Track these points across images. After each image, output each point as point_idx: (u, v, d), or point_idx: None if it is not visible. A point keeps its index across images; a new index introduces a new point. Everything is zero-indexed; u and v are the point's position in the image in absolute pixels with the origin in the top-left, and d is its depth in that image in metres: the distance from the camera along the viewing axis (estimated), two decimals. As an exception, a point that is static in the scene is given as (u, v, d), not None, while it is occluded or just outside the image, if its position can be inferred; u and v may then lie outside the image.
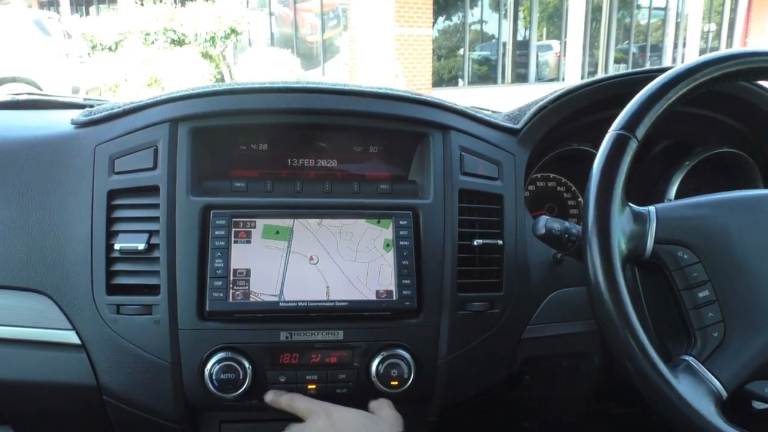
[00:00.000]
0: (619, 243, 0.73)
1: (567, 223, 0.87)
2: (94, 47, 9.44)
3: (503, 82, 15.22)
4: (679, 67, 0.77)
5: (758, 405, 0.92)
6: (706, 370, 0.73)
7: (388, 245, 0.91)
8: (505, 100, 1.09)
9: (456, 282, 0.92)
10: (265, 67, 9.59)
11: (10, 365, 0.89)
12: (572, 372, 1.01)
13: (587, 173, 0.75)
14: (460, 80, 14.94)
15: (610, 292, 0.71)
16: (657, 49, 17.36)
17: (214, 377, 0.86)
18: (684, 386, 0.71)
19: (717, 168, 1.11)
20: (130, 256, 0.88)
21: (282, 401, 0.87)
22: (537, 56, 15.84)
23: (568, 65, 13.54)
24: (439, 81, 13.79)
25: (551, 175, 1.16)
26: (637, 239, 0.75)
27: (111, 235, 0.88)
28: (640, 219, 0.76)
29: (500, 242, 0.94)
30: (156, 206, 0.88)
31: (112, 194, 0.89)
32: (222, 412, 0.94)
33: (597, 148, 0.76)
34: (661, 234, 0.76)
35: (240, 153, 0.98)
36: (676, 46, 17.06)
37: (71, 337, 0.88)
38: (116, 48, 9.49)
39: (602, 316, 0.72)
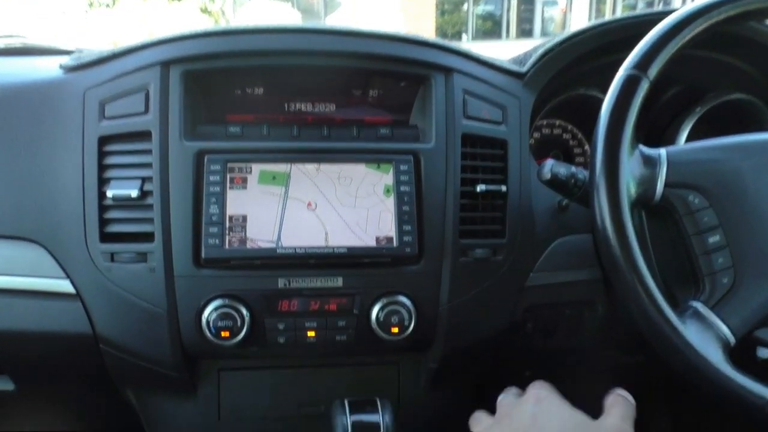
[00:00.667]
0: (628, 186, 0.70)
1: (573, 168, 0.84)
2: (91, 5, 9.27)
3: (508, 37, 14.97)
4: (695, 4, 0.73)
5: (763, 354, 0.91)
6: (714, 316, 0.71)
7: (388, 191, 0.88)
8: (509, 56, 1.05)
9: (458, 228, 0.89)
10: (264, 21, 9.43)
11: (5, 315, 0.88)
12: (575, 320, 0.99)
13: (594, 120, 0.73)
14: (463, 35, 14.71)
15: (618, 237, 0.69)
16: (666, 4, 17.04)
17: (211, 325, 0.84)
18: (691, 332, 0.69)
19: (729, 115, 1.08)
20: (123, 203, 0.85)
21: None
22: (542, 11, 15.54)
23: (574, 20, 13.29)
24: (442, 36, 13.56)
25: (557, 122, 1.12)
26: (646, 183, 0.73)
27: (103, 183, 0.86)
28: (650, 162, 0.73)
29: (504, 188, 0.91)
30: (148, 152, 0.85)
31: (103, 140, 0.86)
32: (220, 360, 0.93)
33: (605, 93, 0.73)
34: (671, 177, 0.73)
35: (235, 97, 0.94)
36: (684, 1, 16.75)
37: (66, 286, 0.86)
38: (114, 4, 9.32)
39: (609, 262, 0.70)
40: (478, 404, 1.08)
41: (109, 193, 0.84)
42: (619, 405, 0.67)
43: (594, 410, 0.76)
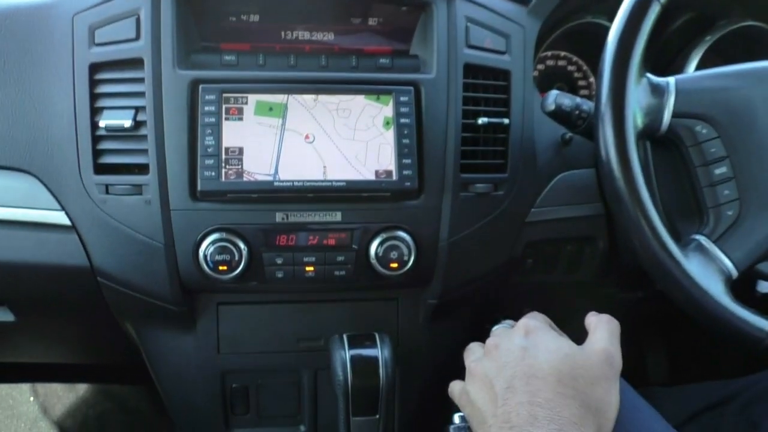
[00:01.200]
0: (634, 116, 0.68)
1: (578, 99, 0.82)
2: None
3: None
4: None
5: (764, 288, 0.90)
6: (717, 249, 0.70)
7: (387, 123, 0.86)
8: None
9: (459, 162, 0.88)
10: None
11: (1, 246, 0.87)
12: (575, 257, 0.99)
13: (600, 50, 0.70)
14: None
15: (622, 168, 0.67)
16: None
17: (208, 259, 0.84)
18: (693, 265, 0.68)
19: (739, 44, 1.04)
20: (116, 133, 0.83)
21: None
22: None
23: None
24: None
25: (562, 53, 1.09)
26: (653, 113, 0.71)
27: (95, 112, 0.84)
28: (657, 91, 0.71)
29: (506, 121, 0.89)
30: (141, 81, 0.83)
31: (94, 68, 0.84)
32: (219, 294, 0.93)
33: (612, 21, 0.70)
34: (679, 107, 0.71)
35: (229, 25, 0.91)
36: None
37: (61, 218, 0.85)
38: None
39: (612, 194, 0.69)
40: (477, 340, 1.09)
41: (102, 123, 0.82)
42: (603, 325, 0.65)
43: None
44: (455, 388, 0.69)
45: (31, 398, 1.56)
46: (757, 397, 0.92)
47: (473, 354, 0.70)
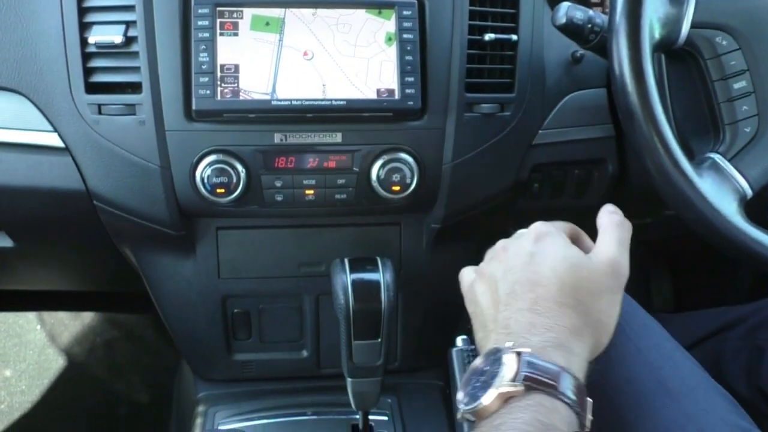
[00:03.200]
0: (651, 27, 0.65)
1: (591, 12, 0.77)
2: None
3: None
4: None
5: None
6: (732, 167, 0.68)
7: (390, 39, 0.82)
8: None
9: (464, 81, 0.84)
10: None
11: None
12: (584, 180, 0.96)
13: None
14: None
15: (636, 83, 0.64)
16: None
17: (206, 181, 0.82)
18: (707, 184, 0.66)
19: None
20: (107, 50, 0.80)
21: None
22: None
23: None
24: None
25: (574, -35, 1.03)
26: (671, 23, 0.66)
27: (84, 27, 0.80)
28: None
29: (514, 38, 0.85)
30: None
31: None
32: (218, 219, 0.91)
33: None
34: (699, 17, 0.67)
35: (222, -66, 0.86)
36: None
37: (54, 140, 0.83)
38: None
39: (624, 110, 0.66)
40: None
41: (92, 39, 0.79)
42: (614, 230, 0.63)
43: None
44: (465, 279, 0.67)
45: (38, 326, 1.57)
46: (763, 321, 0.92)
47: (487, 254, 0.67)
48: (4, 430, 1.41)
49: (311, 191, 0.85)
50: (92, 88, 0.81)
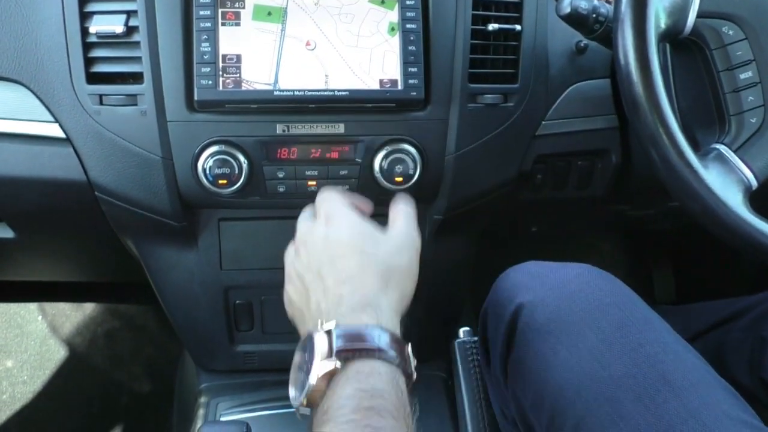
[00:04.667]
0: (657, 16, 0.64)
1: (596, 1, 0.77)
2: None
3: None
4: None
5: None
6: (737, 158, 0.67)
7: (393, 29, 0.81)
8: None
9: (467, 72, 0.84)
10: None
11: None
12: (587, 171, 0.96)
13: None
14: None
15: (641, 73, 0.63)
16: None
17: (208, 172, 0.81)
18: (712, 176, 0.65)
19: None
20: (108, 40, 0.80)
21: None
22: None
23: None
24: None
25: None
26: (677, 12, 0.66)
27: (85, 17, 0.80)
28: None
29: (518, 28, 0.85)
30: None
31: None
32: (220, 210, 0.91)
33: None
34: (705, 6, 0.66)
35: None
36: None
37: (55, 131, 0.82)
38: None
39: (629, 101, 0.65)
40: (483, 257, 1.08)
41: (93, 29, 0.79)
42: (401, 215, 0.69)
43: (600, 263, 0.74)
44: (285, 298, 0.68)
45: (40, 317, 1.57)
46: (766, 313, 0.91)
47: (288, 256, 0.69)
48: (7, 421, 1.41)
49: (314, 182, 0.85)
50: (93, 78, 0.80)
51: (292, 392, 0.55)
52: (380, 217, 0.94)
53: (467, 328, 0.81)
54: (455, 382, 0.79)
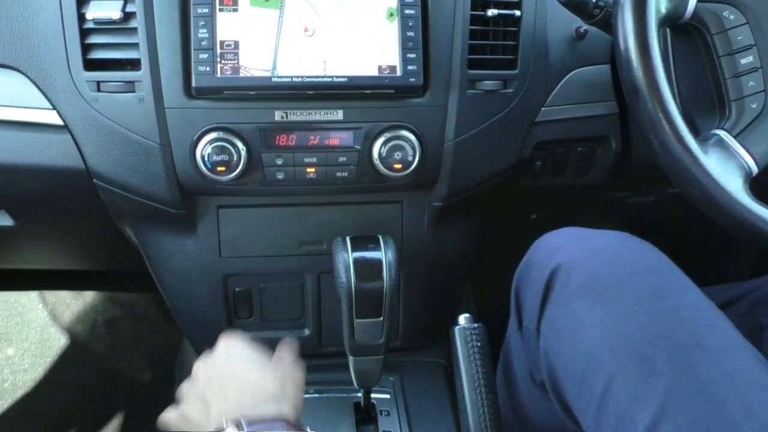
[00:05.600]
0: (657, 1, 0.64)
1: (596, -14, 0.76)
2: None
3: None
4: None
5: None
6: (737, 144, 0.67)
7: (391, 15, 0.81)
8: None
9: (466, 58, 0.83)
10: None
11: None
12: (587, 158, 0.96)
13: None
14: None
15: (641, 58, 0.63)
16: None
17: (206, 159, 0.81)
18: (712, 161, 0.65)
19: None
20: (105, 26, 0.79)
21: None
22: None
23: None
24: None
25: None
26: None
27: (82, 3, 0.79)
28: None
29: (517, 13, 0.84)
30: None
31: None
32: (219, 197, 0.91)
33: None
34: None
35: None
36: None
37: (53, 118, 0.82)
38: None
39: (629, 86, 0.65)
40: (482, 244, 1.07)
41: (89, 15, 0.78)
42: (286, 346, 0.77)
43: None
44: (168, 420, 0.74)
45: (40, 305, 1.57)
46: (765, 298, 0.91)
47: (182, 389, 0.75)
48: (8, 408, 1.41)
49: (312, 169, 0.85)
50: (91, 64, 0.80)
51: None
52: (382, 204, 0.95)
53: (467, 315, 0.81)
54: (455, 369, 0.79)
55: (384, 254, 0.84)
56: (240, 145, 0.81)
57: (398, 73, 0.81)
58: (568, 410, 0.67)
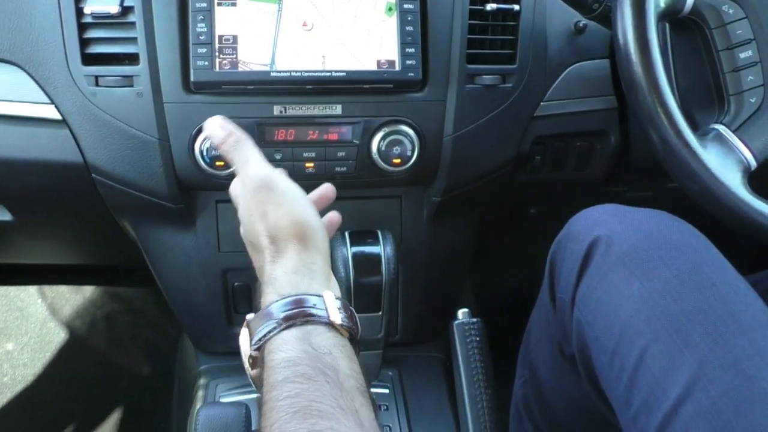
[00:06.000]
0: None
1: (595, -20, 0.76)
2: None
3: None
4: None
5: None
6: (736, 138, 0.67)
7: (390, 9, 0.81)
8: None
9: (465, 52, 0.83)
10: None
11: None
12: (586, 152, 0.95)
13: None
14: None
15: (640, 52, 0.63)
16: None
17: (205, 154, 0.81)
18: (711, 156, 0.65)
19: None
20: (103, 20, 0.79)
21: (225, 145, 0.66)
22: None
23: None
24: None
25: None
26: None
27: None
28: None
29: (516, 7, 0.84)
30: None
31: None
32: (218, 192, 0.90)
33: None
34: None
35: None
36: None
37: (51, 112, 0.82)
38: None
39: (628, 81, 0.65)
40: (481, 239, 1.07)
41: (87, 9, 0.78)
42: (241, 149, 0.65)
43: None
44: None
45: (39, 300, 1.57)
46: (763, 293, 0.91)
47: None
48: (8, 403, 1.42)
49: (311, 164, 0.85)
50: (89, 59, 0.80)
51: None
52: (381, 199, 0.95)
53: (466, 310, 0.81)
54: (454, 364, 0.79)
55: (383, 249, 0.84)
56: None
57: (397, 67, 0.81)
58: (595, 383, 0.67)
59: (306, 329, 0.52)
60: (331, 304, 0.54)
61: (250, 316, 0.56)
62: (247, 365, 0.57)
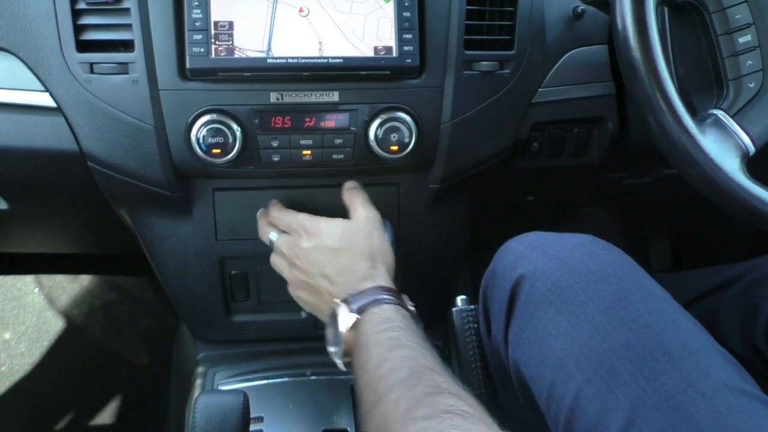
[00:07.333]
0: None
1: (593, -35, 0.76)
2: None
3: None
4: None
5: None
6: (735, 123, 0.67)
7: (387, -6, 0.80)
8: None
9: (463, 38, 0.83)
10: None
11: None
12: (584, 139, 0.95)
13: None
14: None
15: (639, 37, 0.63)
16: None
17: (201, 142, 0.80)
18: (709, 141, 0.65)
19: None
20: (97, 6, 0.78)
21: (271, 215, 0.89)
22: None
23: None
24: None
25: None
26: None
27: None
28: None
29: None
30: None
31: None
32: (215, 180, 0.90)
33: None
34: None
35: None
36: None
37: (45, 100, 0.81)
38: None
39: (627, 66, 0.65)
40: (479, 226, 1.07)
41: None
42: (355, 197, 0.86)
43: (596, 232, 0.74)
44: (299, 302, 0.87)
45: (36, 289, 1.57)
46: (759, 279, 0.92)
47: (283, 270, 0.87)
48: (5, 392, 1.42)
49: (308, 151, 0.84)
50: (83, 46, 0.79)
51: (331, 350, 0.73)
52: (378, 186, 0.94)
53: (464, 297, 0.81)
54: (452, 350, 0.79)
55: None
56: (235, 127, 0.81)
57: (394, 54, 0.80)
58: (541, 417, 0.67)
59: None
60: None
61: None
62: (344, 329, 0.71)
